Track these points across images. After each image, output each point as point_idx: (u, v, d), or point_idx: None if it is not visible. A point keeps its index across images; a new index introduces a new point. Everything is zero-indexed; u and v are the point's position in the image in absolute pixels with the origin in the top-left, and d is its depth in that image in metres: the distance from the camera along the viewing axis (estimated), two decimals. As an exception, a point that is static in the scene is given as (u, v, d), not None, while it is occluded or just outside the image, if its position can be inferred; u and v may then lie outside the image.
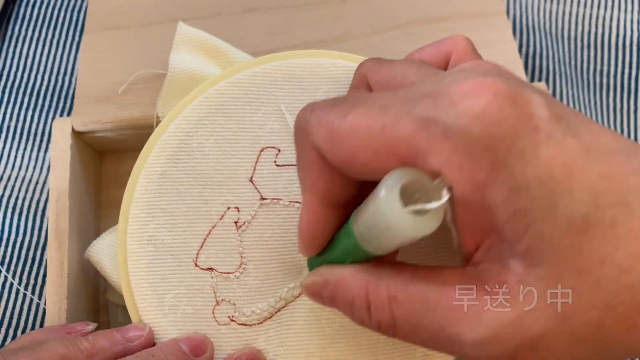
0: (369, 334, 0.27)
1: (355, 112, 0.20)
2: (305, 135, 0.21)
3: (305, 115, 0.22)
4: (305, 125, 0.21)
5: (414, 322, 0.20)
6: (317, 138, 0.21)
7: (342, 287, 0.22)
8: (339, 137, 0.20)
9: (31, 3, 0.42)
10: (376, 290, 0.21)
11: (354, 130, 0.20)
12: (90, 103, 0.34)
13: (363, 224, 0.21)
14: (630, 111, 0.40)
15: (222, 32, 0.35)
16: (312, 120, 0.21)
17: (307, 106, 0.22)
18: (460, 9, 0.37)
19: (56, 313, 0.29)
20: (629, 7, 0.41)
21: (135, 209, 0.28)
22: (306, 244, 0.24)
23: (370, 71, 0.25)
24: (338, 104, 0.21)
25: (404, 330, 0.21)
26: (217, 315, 0.27)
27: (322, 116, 0.21)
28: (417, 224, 0.18)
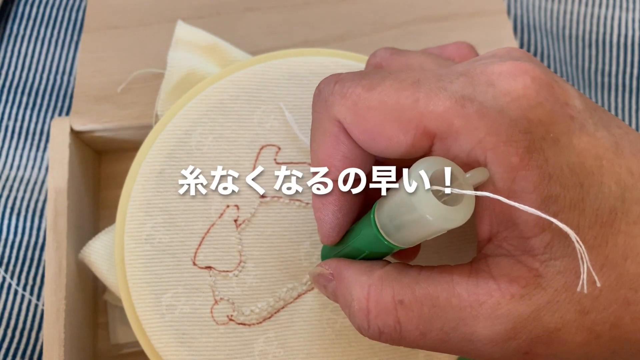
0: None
1: (385, 84, 0.19)
2: (328, 106, 0.21)
3: (328, 85, 0.21)
4: (328, 96, 0.21)
5: (423, 326, 0.19)
6: (341, 109, 0.20)
7: (344, 286, 0.21)
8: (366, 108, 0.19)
9: (30, 2, 0.42)
10: (380, 295, 0.20)
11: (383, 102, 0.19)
12: (89, 102, 0.34)
13: (388, 213, 0.19)
14: (632, 110, 0.40)
15: (221, 31, 0.35)
16: (337, 91, 0.20)
17: (331, 77, 0.21)
18: (461, 8, 0.37)
19: (54, 313, 0.29)
20: (631, 6, 0.41)
21: (133, 207, 0.27)
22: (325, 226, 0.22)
23: (384, 61, 0.25)
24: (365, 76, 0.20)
25: (411, 335, 0.20)
26: (215, 315, 0.27)
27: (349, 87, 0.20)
28: (449, 215, 0.17)
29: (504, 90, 0.18)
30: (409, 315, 0.19)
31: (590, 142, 0.18)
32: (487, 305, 0.18)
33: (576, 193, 0.18)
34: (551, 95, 0.18)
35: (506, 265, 0.19)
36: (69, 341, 0.29)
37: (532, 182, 0.17)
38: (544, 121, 0.18)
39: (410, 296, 0.19)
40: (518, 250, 0.19)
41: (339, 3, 0.37)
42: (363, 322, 0.20)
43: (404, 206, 0.18)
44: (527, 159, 0.17)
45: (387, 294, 0.20)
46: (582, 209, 0.18)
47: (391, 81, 0.19)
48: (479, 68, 0.19)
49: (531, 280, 0.18)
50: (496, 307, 0.18)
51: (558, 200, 0.17)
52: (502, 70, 0.18)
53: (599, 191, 0.18)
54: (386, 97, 0.19)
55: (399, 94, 0.19)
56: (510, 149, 0.17)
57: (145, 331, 0.26)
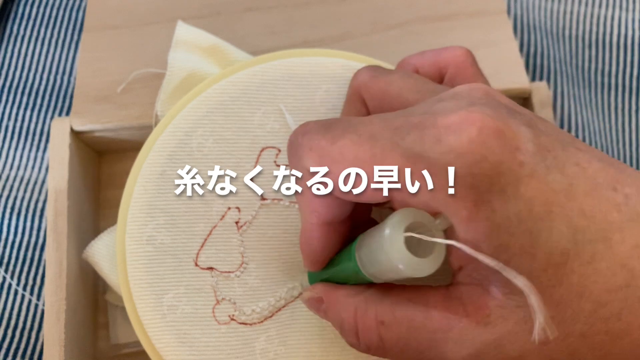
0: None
1: (345, 138, 0.20)
2: (298, 158, 0.22)
3: (297, 138, 0.22)
4: (297, 149, 0.22)
5: (401, 344, 0.21)
6: (309, 161, 0.21)
7: (334, 309, 0.23)
8: (330, 161, 0.21)
9: (30, 2, 0.42)
10: (364, 316, 0.22)
11: (344, 156, 0.20)
12: (89, 102, 0.34)
13: (365, 254, 0.21)
14: (632, 111, 0.40)
15: (221, 31, 0.35)
16: (304, 144, 0.22)
17: (299, 128, 0.22)
18: (461, 7, 0.37)
19: (55, 314, 0.29)
20: (631, 6, 0.41)
21: (134, 209, 0.27)
22: (308, 260, 0.24)
23: (364, 86, 0.26)
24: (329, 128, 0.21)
25: (392, 352, 0.22)
26: (217, 315, 0.27)
27: (314, 140, 0.21)
28: (419, 265, 0.19)
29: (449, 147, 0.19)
30: (390, 334, 0.21)
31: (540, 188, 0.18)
32: (456, 329, 0.20)
33: (526, 240, 0.18)
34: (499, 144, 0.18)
35: (475, 293, 0.20)
36: (69, 341, 0.29)
37: (483, 233, 0.18)
38: (488, 174, 0.18)
39: (390, 317, 0.21)
40: (485, 280, 0.19)
41: (339, 3, 0.37)
42: (353, 340, 0.23)
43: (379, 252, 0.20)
44: (475, 212, 0.18)
45: (371, 314, 0.22)
46: (532, 254, 0.18)
47: (351, 135, 0.20)
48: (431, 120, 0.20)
49: (495, 310, 0.19)
50: (464, 332, 0.20)
51: (509, 247, 0.18)
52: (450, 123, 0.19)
53: (549, 235, 0.18)
54: (346, 152, 0.20)
55: (357, 149, 0.20)
56: (459, 204, 0.18)
57: (147, 331, 0.26)
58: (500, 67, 0.35)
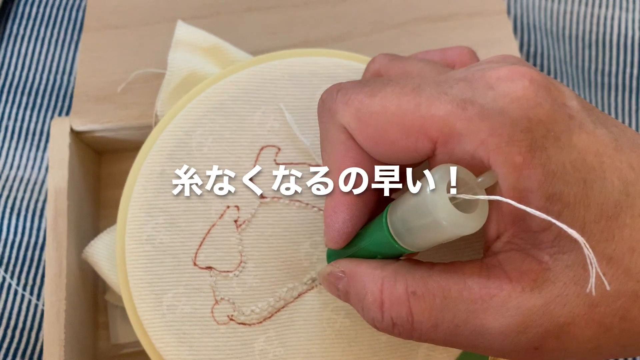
0: (371, 334, 0.27)
1: (386, 90, 0.20)
2: (332, 114, 0.21)
3: (331, 94, 0.21)
4: (332, 105, 0.21)
5: (434, 317, 0.20)
6: (345, 116, 0.20)
7: (357, 282, 0.22)
8: (369, 114, 0.20)
9: (30, 2, 0.42)
10: (393, 286, 0.20)
11: (385, 107, 0.19)
12: (89, 102, 0.34)
13: (401, 217, 0.20)
14: (632, 111, 0.40)
15: (221, 31, 0.35)
16: (339, 99, 0.21)
17: (333, 86, 0.22)
18: (461, 8, 0.37)
19: (55, 314, 0.29)
20: (631, 6, 0.41)
21: (134, 208, 0.27)
22: (332, 232, 0.22)
23: (384, 68, 0.25)
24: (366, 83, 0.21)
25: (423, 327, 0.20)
26: (216, 315, 0.27)
27: (351, 94, 0.20)
28: (464, 222, 0.18)
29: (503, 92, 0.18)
30: (422, 306, 0.20)
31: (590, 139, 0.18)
32: (498, 298, 0.19)
33: (580, 189, 0.18)
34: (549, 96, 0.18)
35: (517, 259, 0.19)
36: (69, 341, 0.29)
37: (536, 181, 0.18)
38: (544, 120, 0.18)
39: (422, 288, 0.20)
40: (528, 244, 0.19)
41: (339, 3, 0.37)
42: (377, 314, 0.21)
43: (419, 211, 0.19)
44: (529, 157, 0.18)
45: (400, 286, 0.20)
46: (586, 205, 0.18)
47: (392, 87, 0.20)
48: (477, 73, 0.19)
49: (541, 274, 0.18)
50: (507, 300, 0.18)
51: (562, 197, 0.18)
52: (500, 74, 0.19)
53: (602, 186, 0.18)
54: (388, 103, 0.19)
55: (401, 99, 0.19)
56: (513, 149, 0.18)
57: (146, 331, 0.26)
58: (500, 67, 0.35)
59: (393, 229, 0.20)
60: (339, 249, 0.23)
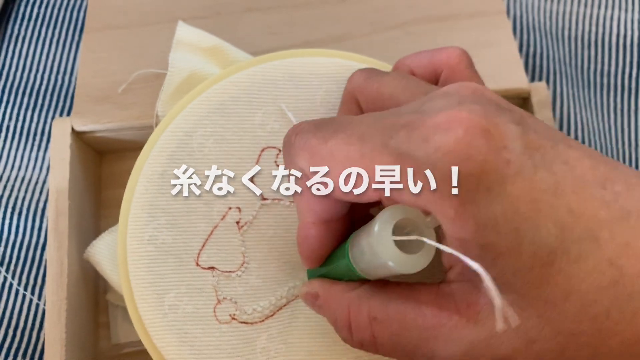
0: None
1: (337, 138, 0.21)
2: (291, 157, 0.22)
3: (290, 138, 0.23)
4: (290, 149, 0.22)
5: (393, 341, 0.21)
6: (301, 160, 0.22)
7: (329, 304, 0.24)
8: (321, 160, 0.21)
9: (31, 2, 0.42)
10: (357, 312, 0.22)
11: (334, 155, 0.21)
12: (90, 103, 0.34)
13: (357, 251, 0.22)
14: (631, 111, 0.40)
15: (222, 31, 0.35)
16: (297, 144, 0.22)
17: (293, 128, 0.23)
18: (461, 8, 0.37)
19: (56, 313, 0.29)
20: (630, 7, 0.41)
21: (136, 208, 0.28)
22: (305, 258, 0.25)
23: (358, 88, 0.26)
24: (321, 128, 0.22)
25: (384, 348, 0.22)
26: (218, 314, 0.27)
27: (306, 140, 0.22)
28: (408, 261, 0.19)
29: (435, 146, 0.19)
30: (382, 331, 0.21)
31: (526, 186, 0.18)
32: (446, 328, 0.20)
33: (512, 239, 0.18)
34: (485, 144, 0.18)
35: (465, 291, 0.20)
36: (70, 341, 0.29)
37: (469, 232, 0.18)
38: (474, 173, 0.18)
39: (383, 313, 0.21)
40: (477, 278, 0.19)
41: (339, 4, 0.38)
42: (346, 335, 0.23)
43: (369, 251, 0.20)
44: (461, 211, 0.18)
45: (364, 311, 0.22)
46: (519, 253, 0.18)
47: (342, 135, 0.21)
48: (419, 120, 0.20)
49: (485, 308, 0.19)
50: (454, 330, 0.20)
51: (495, 246, 0.18)
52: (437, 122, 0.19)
53: (536, 234, 0.18)
54: (337, 151, 0.20)
55: (348, 149, 0.20)
56: (445, 203, 0.18)
57: (148, 331, 0.26)
58: (499, 67, 0.35)
59: (353, 259, 0.22)
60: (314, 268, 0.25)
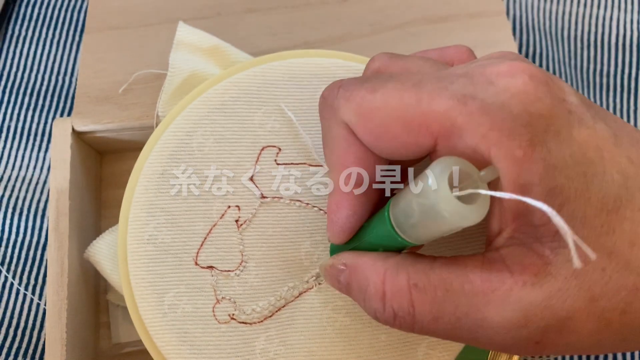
0: (371, 333, 0.27)
1: (387, 86, 0.20)
2: (333, 110, 0.21)
3: (332, 91, 0.21)
4: (333, 101, 0.21)
5: (435, 310, 0.20)
6: (347, 112, 0.21)
7: (359, 273, 0.22)
8: (371, 110, 0.20)
9: (31, 3, 0.43)
10: (395, 278, 0.20)
11: (386, 103, 0.20)
12: (91, 103, 0.34)
13: (404, 210, 0.20)
14: (630, 111, 0.40)
15: (222, 32, 0.35)
16: (341, 95, 0.21)
17: (334, 83, 0.22)
18: (460, 9, 0.37)
19: (56, 313, 0.29)
20: (629, 7, 0.42)
21: (136, 208, 0.28)
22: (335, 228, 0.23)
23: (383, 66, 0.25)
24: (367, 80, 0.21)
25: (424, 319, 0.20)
26: (217, 314, 0.27)
27: (352, 90, 0.21)
28: (466, 213, 0.18)
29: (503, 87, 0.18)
30: (423, 298, 0.20)
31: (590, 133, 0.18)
32: (500, 292, 0.19)
33: (580, 183, 0.18)
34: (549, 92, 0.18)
35: (518, 254, 0.19)
36: (70, 340, 0.30)
37: (537, 174, 0.18)
38: (544, 115, 0.18)
39: (424, 280, 0.20)
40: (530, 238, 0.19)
41: (339, 4, 0.38)
42: (379, 305, 0.21)
43: (421, 203, 0.19)
44: (530, 151, 0.18)
45: (402, 277, 0.20)
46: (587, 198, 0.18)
47: (393, 83, 0.20)
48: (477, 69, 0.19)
49: (542, 268, 0.18)
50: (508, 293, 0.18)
51: (563, 190, 0.18)
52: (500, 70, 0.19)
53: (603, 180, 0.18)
54: (389, 98, 0.20)
55: (402, 95, 0.19)
56: (514, 143, 0.18)
57: (148, 330, 0.26)
58: (499, 67, 0.35)
59: (395, 222, 0.20)
60: (342, 244, 0.24)
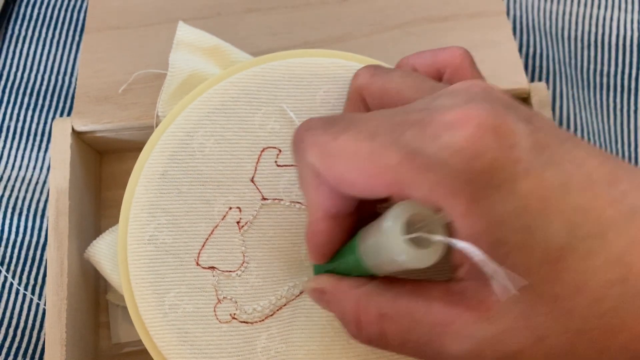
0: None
1: (347, 134, 0.21)
2: (302, 153, 0.22)
3: (300, 133, 0.23)
4: (300, 144, 0.22)
5: (402, 337, 0.21)
6: (311, 156, 0.22)
7: (337, 300, 0.24)
8: (331, 157, 0.21)
9: (31, 3, 0.43)
10: (367, 308, 0.22)
11: (344, 152, 0.21)
12: (91, 103, 0.34)
13: (367, 247, 0.22)
14: (631, 111, 0.40)
15: (222, 32, 0.35)
16: (307, 139, 0.22)
17: (303, 124, 0.23)
18: (461, 8, 0.37)
19: (56, 313, 0.29)
20: (629, 7, 0.41)
21: (136, 209, 0.28)
22: (313, 253, 0.25)
23: (364, 85, 0.26)
24: (332, 124, 0.22)
25: (393, 344, 0.22)
26: (218, 314, 0.27)
27: (318, 135, 0.22)
28: (418, 256, 0.19)
29: (446, 143, 0.19)
30: (391, 327, 0.21)
31: (536, 184, 0.19)
32: (456, 325, 0.20)
33: (524, 235, 0.18)
34: (495, 141, 0.19)
35: (476, 288, 0.20)
36: (70, 340, 0.30)
37: (480, 228, 0.18)
38: (485, 170, 0.18)
39: (392, 309, 0.21)
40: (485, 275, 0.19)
41: (339, 4, 0.38)
42: (355, 331, 0.23)
43: (380, 244, 0.20)
44: (472, 207, 0.18)
45: (373, 307, 0.22)
46: (530, 250, 0.18)
47: (352, 131, 0.21)
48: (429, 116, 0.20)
49: (494, 305, 0.19)
50: (464, 327, 0.20)
51: (506, 243, 0.18)
52: (448, 120, 0.19)
53: (546, 231, 0.18)
54: (347, 148, 0.21)
55: (357, 145, 0.20)
56: (456, 200, 0.19)
57: (148, 330, 0.26)
58: (499, 67, 0.35)
59: (361, 253, 0.22)
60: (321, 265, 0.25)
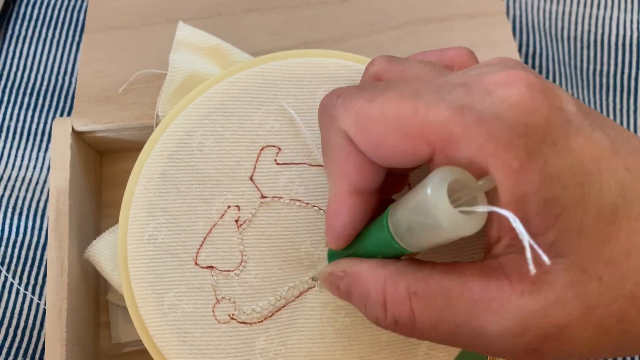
0: (371, 333, 0.27)
1: (386, 95, 0.20)
2: (333, 119, 0.21)
3: (331, 99, 0.22)
4: (332, 110, 0.21)
5: (435, 317, 0.20)
6: (345, 121, 0.21)
7: (359, 281, 0.22)
8: (369, 119, 0.20)
9: (31, 3, 0.43)
10: (395, 286, 0.20)
11: (384, 112, 0.20)
12: (91, 103, 0.34)
13: (402, 218, 0.20)
14: (630, 111, 0.40)
15: (222, 32, 0.35)
16: (339, 104, 0.21)
17: (333, 91, 0.22)
18: (460, 8, 0.37)
19: (56, 313, 0.29)
20: (629, 7, 0.42)
21: (136, 208, 0.28)
22: (334, 234, 0.23)
23: (382, 71, 0.25)
24: (366, 88, 0.21)
25: (424, 326, 0.20)
26: (217, 314, 0.27)
27: (351, 99, 0.21)
28: (464, 223, 0.18)
29: (500, 98, 0.18)
30: (423, 306, 0.20)
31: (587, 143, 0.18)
32: (498, 300, 0.19)
33: (577, 193, 0.18)
34: (546, 101, 0.18)
35: (517, 262, 0.19)
36: (70, 340, 0.30)
37: (534, 185, 0.18)
38: (541, 125, 0.18)
39: (424, 288, 0.20)
40: None
41: (339, 4, 0.38)
42: (380, 313, 0.21)
43: (419, 212, 0.19)
44: (527, 162, 0.18)
45: (402, 285, 0.20)
46: (584, 208, 0.18)
47: (392, 92, 0.20)
48: (475, 78, 0.19)
49: (540, 277, 0.18)
50: (506, 302, 0.19)
51: (560, 200, 0.18)
52: (497, 79, 0.19)
53: (600, 189, 0.18)
54: (387, 108, 0.20)
55: (400, 105, 0.19)
56: (510, 154, 0.18)
57: (148, 330, 0.26)
58: (499, 67, 0.35)
59: (394, 229, 0.21)
60: (340, 250, 0.24)
